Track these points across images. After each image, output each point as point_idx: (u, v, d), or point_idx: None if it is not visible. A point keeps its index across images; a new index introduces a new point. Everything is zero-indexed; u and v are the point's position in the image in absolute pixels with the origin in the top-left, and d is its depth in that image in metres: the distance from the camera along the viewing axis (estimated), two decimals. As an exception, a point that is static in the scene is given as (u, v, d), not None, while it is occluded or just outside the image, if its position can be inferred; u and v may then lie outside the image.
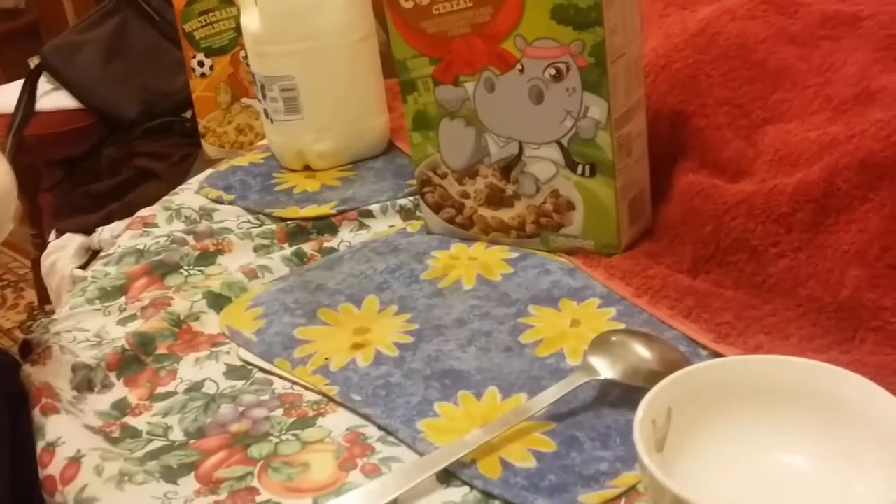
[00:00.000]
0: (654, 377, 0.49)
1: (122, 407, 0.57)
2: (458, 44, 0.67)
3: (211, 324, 0.67)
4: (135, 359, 0.63)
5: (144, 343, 0.64)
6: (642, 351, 0.54)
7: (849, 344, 0.55)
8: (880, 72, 0.67)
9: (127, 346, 0.63)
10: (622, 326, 0.60)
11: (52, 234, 1.69)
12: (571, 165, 0.66)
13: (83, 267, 1.51)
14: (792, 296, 0.59)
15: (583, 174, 0.66)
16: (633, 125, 0.67)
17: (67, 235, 1.62)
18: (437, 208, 0.74)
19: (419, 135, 0.72)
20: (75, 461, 0.52)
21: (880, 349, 0.54)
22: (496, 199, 0.70)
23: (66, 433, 0.54)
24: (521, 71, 0.65)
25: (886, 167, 0.59)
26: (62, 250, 1.58)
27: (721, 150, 0.71)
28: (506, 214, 0.71)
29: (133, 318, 0.68)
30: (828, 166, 0.61)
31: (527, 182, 0.69)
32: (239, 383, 0.60)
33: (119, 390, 0.60)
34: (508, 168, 0.69)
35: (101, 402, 0.59)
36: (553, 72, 0.64)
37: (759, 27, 0.75)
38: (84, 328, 0.67)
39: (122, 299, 0.70)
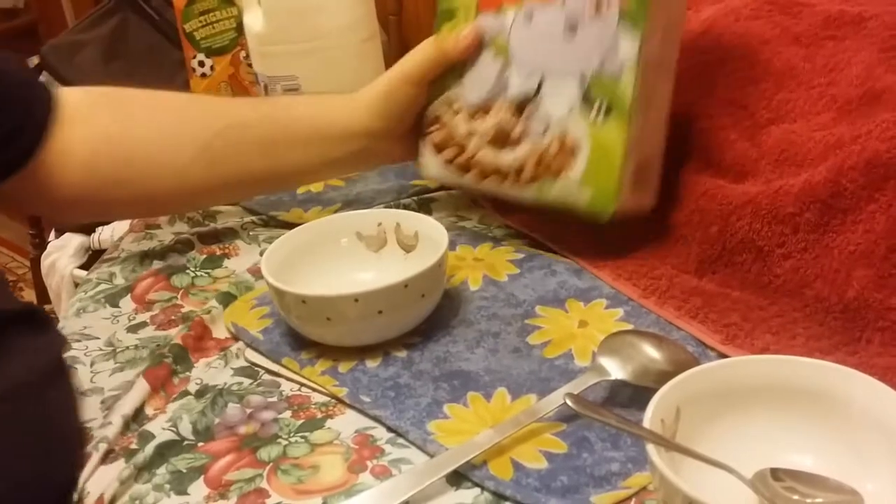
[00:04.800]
0: (664, 378, 0.49)
1: (140, 419, 0.58)
2: None
3: (220, 321, 0.67)
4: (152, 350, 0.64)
5: (166, 338, 0.65)
6: (652, 352, 0.54)
7: (855, 344, 0.56)
8: (885, 72, 0.68)
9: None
10: (630, 327, 0.60)
11: (52, 234, 1.68)
12: (588, 102, 0.65)
13: (83, 267, 1.51)
14: (798, 296, 0.60)
15: (597, 114, 0.65)
16: (658, 84, 0.66)
17: (67, 235, 1.61)
18: (439, 148, 0.72)
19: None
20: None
21: (887, 350, 0.54)
22: (501, 139, 0.69)
23: (91, 481, 0.54)
24: (564, 2, 0.65)
25: (892, 167, 0.59)
26: (61, 250, 1.57)
27: (725, 151, 0.71)
28: (507, 157, 0.69)
29: (143, 325, 0.68)
30: (834, 167, 0.61)
31: (538, 120, 0.67)
32: (246, 381, 0.60)
33: (140, 389, 0.60)
34: (522, 105, 0.68)
35: (125, 406, 0.59)
36: (594, 3, 0.64)
37: (764, 27, 0.75)
38: (94, 335, 0.68)
39: (131, 305, 0.71)
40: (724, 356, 0.56)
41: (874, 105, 0.67)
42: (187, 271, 0.74)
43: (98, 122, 0.70)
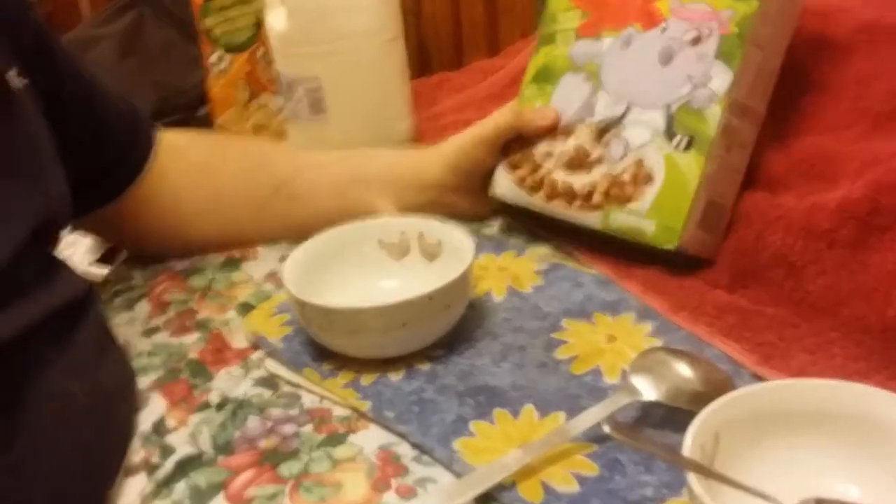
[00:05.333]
0: (697, 398, 0.48)
1: (160, 430, 0.57)
2: (616, 0, 0.68)
3: (239, 332, 0.65)
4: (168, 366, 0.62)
5: (180, 346, 0.64)
6: (685, 371, 0.53)
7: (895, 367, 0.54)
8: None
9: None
10: (660, 343, 0.59)
11: (66, 229, 1.67)
12: (670, 134, 0.64)
13: (100, 260, 1.50)
14: (834, 315, 0.58)
15: (677, 146, 0.64)
16: (743, 126, 0.66)
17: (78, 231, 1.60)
18: (513, 167, 0.72)
19: (535, 87, 0.72)
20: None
21: (928, 372, 0.53)
22: (577, 162, 0.68)
23: (113, 496, 0.53)
24: (664, 30, 0.66)
25: (933, 185, 0.57)
26: (74, 245, 1.57)
27: (753, 158, 0.69)
28: (579, 181, 0.68)
29: (156, 329, 0.67)
30: (871, 184, 0.59)
31: (616, 147, 0.67)
32: (266, 392, 0.59)
33: (157, 404, 0.59)
34: (604, 130, 0.67)
35: (144, 421, 0.58)
36: (693, 34, 0.64)
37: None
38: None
39: (147, 306, 0.69)
40: (758, 375, 0.55)
41: (906, 121, 0.66)
42: (204, 272, 0.73)
43: (196, 156, 0.75)
